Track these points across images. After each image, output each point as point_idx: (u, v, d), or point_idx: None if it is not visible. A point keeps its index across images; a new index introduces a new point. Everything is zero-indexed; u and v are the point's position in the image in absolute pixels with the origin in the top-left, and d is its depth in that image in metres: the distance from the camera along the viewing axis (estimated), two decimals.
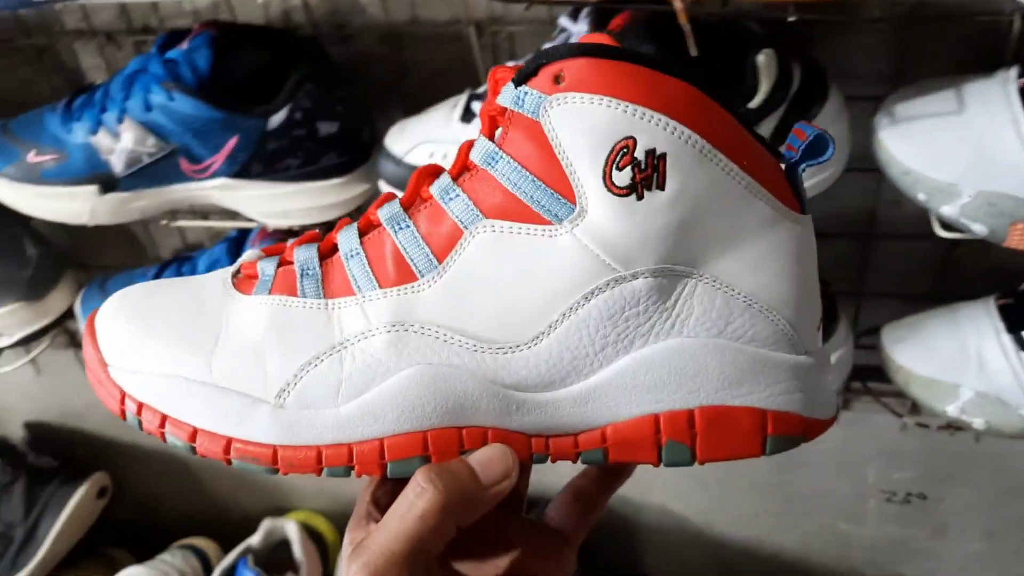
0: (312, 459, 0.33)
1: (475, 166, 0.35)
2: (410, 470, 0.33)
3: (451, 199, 0.34)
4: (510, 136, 0.34)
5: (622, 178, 0.32)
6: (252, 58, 0.66)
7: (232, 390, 0.34)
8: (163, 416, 0.34)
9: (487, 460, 0.33)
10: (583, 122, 0.32)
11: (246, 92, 0.65)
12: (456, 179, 0.35)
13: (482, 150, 0.35)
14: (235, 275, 0.37)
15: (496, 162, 0.34)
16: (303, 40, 0.68)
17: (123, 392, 0.35)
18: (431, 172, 0.36)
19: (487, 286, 0.33)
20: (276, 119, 0.65)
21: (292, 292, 0.35)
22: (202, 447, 0.34)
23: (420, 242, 0.34)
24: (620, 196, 0.32)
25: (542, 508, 1.10)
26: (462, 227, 0.34)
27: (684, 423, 0.33)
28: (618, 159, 0.32)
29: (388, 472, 0.33)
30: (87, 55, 0.80)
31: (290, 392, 0.34)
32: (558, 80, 0.33)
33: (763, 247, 0.34)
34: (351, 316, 0.34)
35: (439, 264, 0.34)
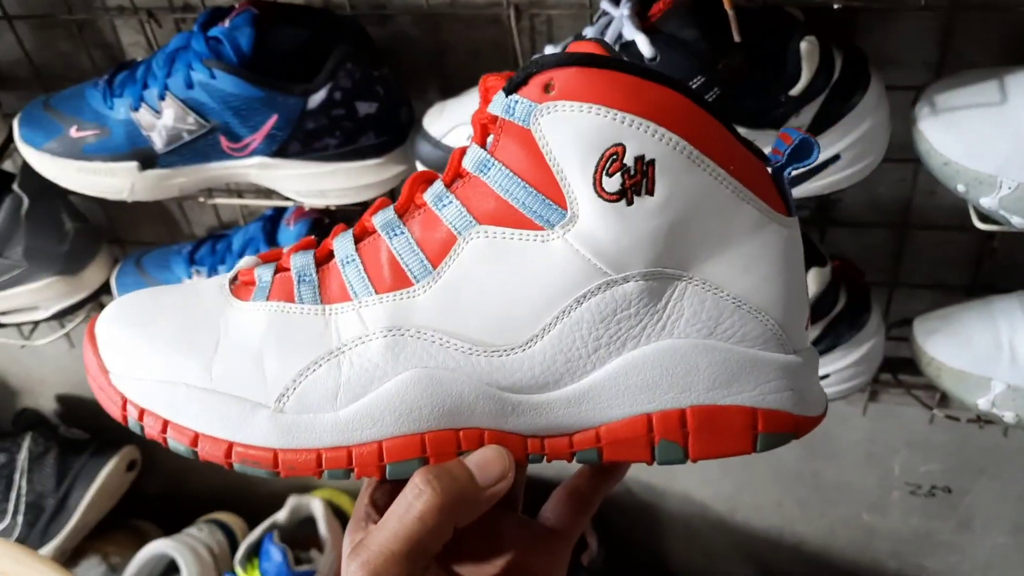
0: (312, 462, 0.34)
1: (468, 173, 0.36)
2: (408, 471, 0.34)
3: (444, 206, 0.35)
4: (502, 144, 0.35)
5: (612, 184, 0.33)
6: (293, 37, 0.67)
7: (232, 395, 0.35)
8: (164, 421, 0.35)
9: (484, 462, 0.34)
10: (573, 129, 0.33)
11: (286, 71, 0.66)
12: (449, 186, 0.36)
13: (474, 157, 0.36)
14: (232, 281, 0.38)
15: (488, 169, 0.35)
16: (343, 20, 0.69)
17: (124, 398, 0.36)
18: (424, 179, 0.37)
19: (481, 290, 0.34)
20: (315, 99, 0.66)
21: (289, 298, 0.36)
22: (204, 452, 0.35)
23: (415, 248, 0.35)
24: (610, 202, 0.33)
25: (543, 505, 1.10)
26: (456, 233, 0.35)
27: (676, 422, 0.34)
28: (608, 165, 0.33)
29: (387, 474, 0.34)
30: (128, 31, 0.81)
31: (289, 396, 0.34)
32: (548, 89, 0.34)
33: (751, 250, 0.34)
34: (348, 321, 0.35)
35: (434, 270, 0.35)
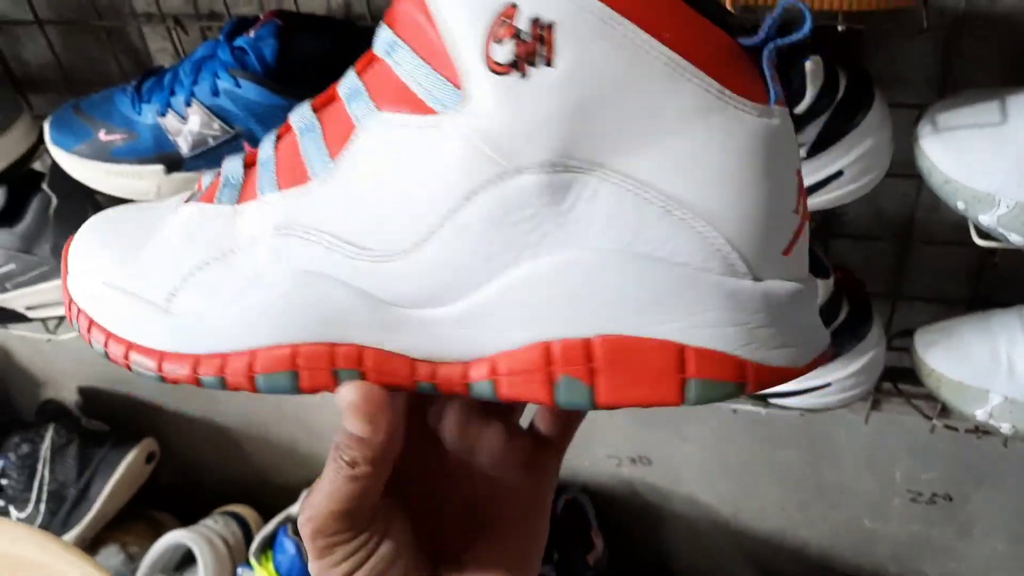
0: (189, 368, 0.31)
1: (377, 57, 0.31)
2: (280, 385, 0.31)
3: (352, 94, 0.31)
4: (400, 18, 0.30)
5: (502, 53, 0.27)
6: (315, 47, 0.69)
7: (137, 295, 0.33)
8: (90, 321, 0.33)
9: (353, 413, 0.31)
10: None
11: (309, 80, 0.68)
12: (360, 73, 0.31)
13: (383, 40, 0.31)
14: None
15: (394, 51, 0.30)
16: (363, 30, 0.71)
17: (70, 298, 0.34)
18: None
19: (370, 187, 0.30)
20: None
21: (210, 199, 0.33)
22: (112, 354, 0.33)
23: (320, 142, 0.31)
24: (501, 75, 0.27)
25: (572, 492, 1.11)
26: (355, 122, 0.30)
27: (580, 354, 0.27)
28: (498, 30, 0.27)
29: (258, 387, 0.31)
30: (155, 38, 0.84)
31: (176, 295, 0.32)
32: None
33: (693, 142, 0.27)
34: (249, 220, 0.32)
35: (331, 163, 0.30)
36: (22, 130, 0.80)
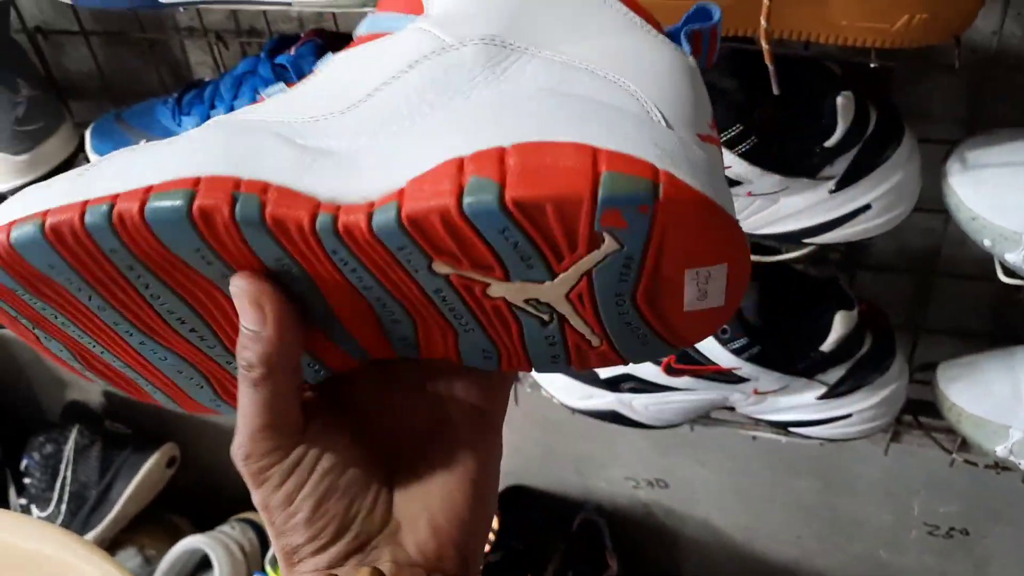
0: (77, 211, 0.28)
1: None
2: (171, 211, 0.27)
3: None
4: None
5: None
6: None
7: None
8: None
9: (243, 312, 0.30)
10: None
11: None
12: None
13: None
14: None
15: None
16: None
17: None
18: None
19: (329, 82, 0.32)
20: None
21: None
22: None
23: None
24: None
25: (588, 513, 1.11)
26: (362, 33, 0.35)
27: (493, 158, 0.26)
28: None
29: (147, 217, 0.28)
30: (196, 51, 0.85)
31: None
32: None
33: (623, 45, 0.31)
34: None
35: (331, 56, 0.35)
36: (63, 137, 0.82)
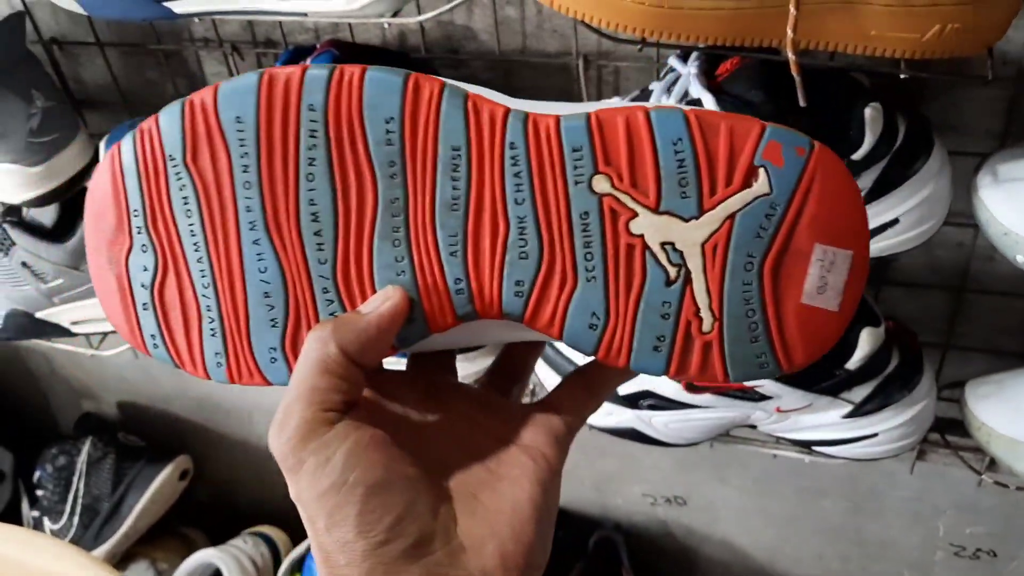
0: None
1: None
2: (389, 73, 0.33)
3: None
4: None
5: None
6: None
7: None
8: None
9: (368, 301, 0.33)
10: None
11: None
12: None
13: None
14: None
15: None
16: (418, 62, 0.71)
17: None
18: None
19: None
20: None
21: None
22: None
23: None
24: None
25: (606, 530, 1.09)
26: None
27: None
28: None
29: (367, 72, 0.33)
30: (211, 62, 0.85)
31: None
32: None
33: None
34: None
35: None
36: (78, 148, 0.81)
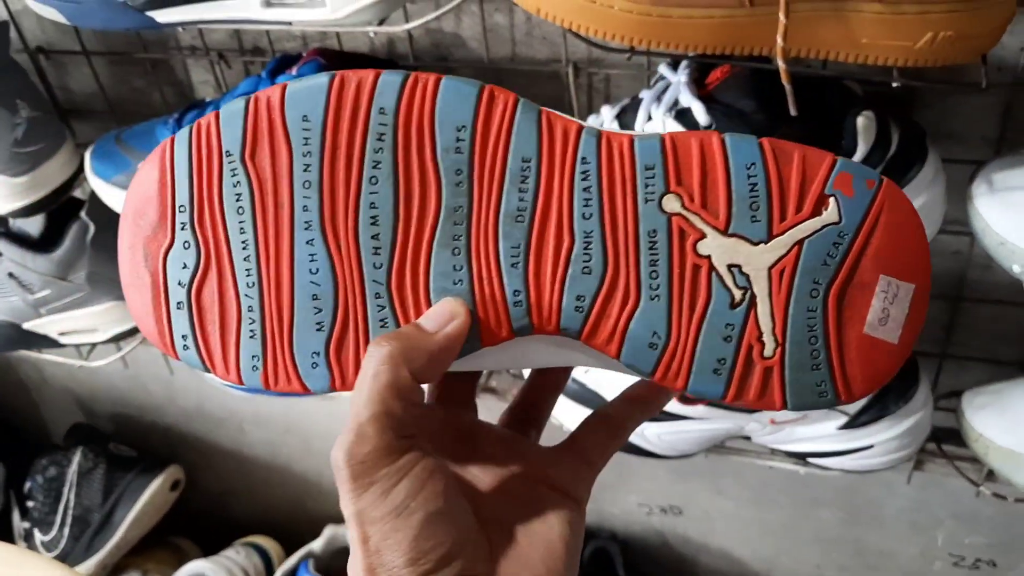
0: None
1: None
2: (464, 84, 0.33)
3: None
4: None
5: None
6: None
7: None
8: None
9: (430, 315, 0.33)
10: None
11: None
12: None
13: None
14: None
15: None
16: (407, 70, 0.71)
17: None
18: None
19: None
20: None
21: None
22: None
23: None
24: None
25: (601, 541, 1.08)
26: None
27: None
28: None
29: (442, 81, 0.33)
30: (198, 71, 0.84)
31: None
32: None
33: None
34: None
35: None
36: (64, 158, 0.80)
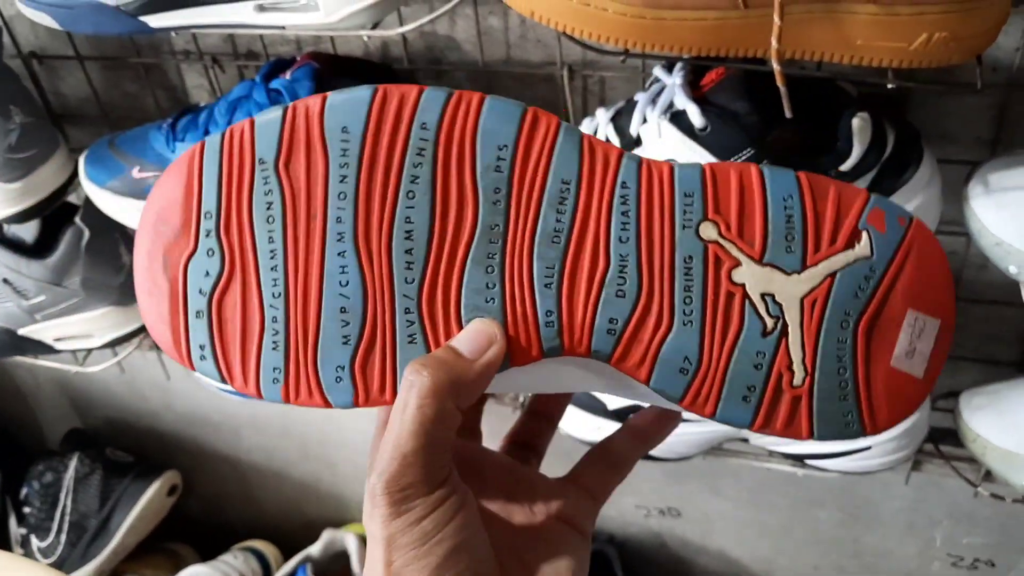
0: None
1: None
2: (509, 104, 0.34)
3: None
4: None
5: None
6: None
7: None
8: None
9: (467, 337, 0.33)
10: None
11: None
12: None
13: None
14: None
15: None
16: (400, 74, 0.70)
17: None
18: None
19: None
20: None
21: None
22: None
23: None
24: None
25: (599, 543, 1.08)
26: None
27: None
28: None
29: (486, 100, 0.34)
30: (192, 75, 0.84)
31: None
32: None
33: None
34: None
35: None
36: (58, 164, 0.80)
